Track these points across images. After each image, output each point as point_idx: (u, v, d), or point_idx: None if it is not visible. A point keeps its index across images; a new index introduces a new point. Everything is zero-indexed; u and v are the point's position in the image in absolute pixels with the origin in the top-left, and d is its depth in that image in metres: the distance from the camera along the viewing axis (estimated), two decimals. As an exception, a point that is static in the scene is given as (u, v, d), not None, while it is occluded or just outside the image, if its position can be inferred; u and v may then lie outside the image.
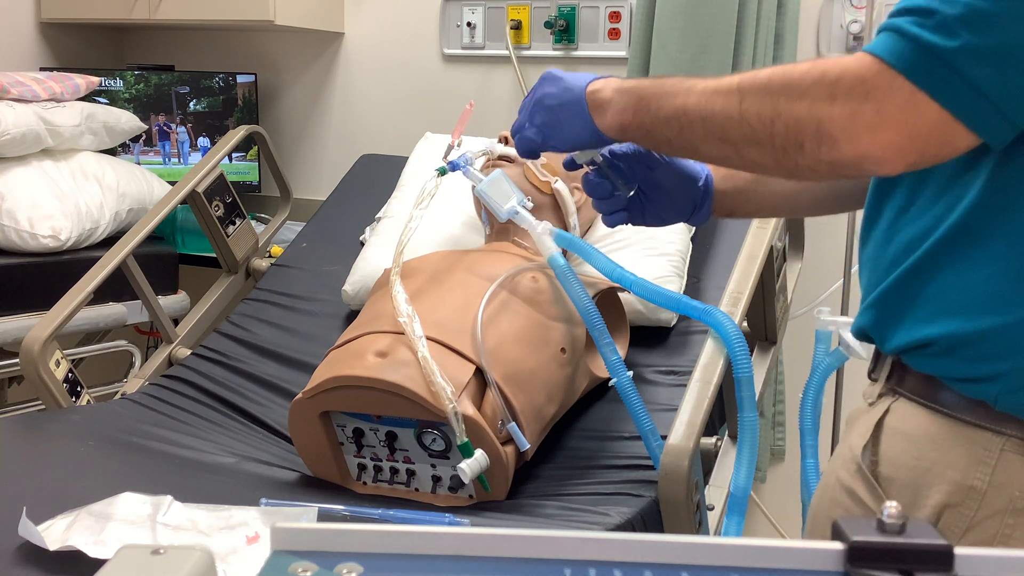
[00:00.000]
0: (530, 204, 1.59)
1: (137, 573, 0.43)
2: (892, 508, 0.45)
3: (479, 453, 1.45)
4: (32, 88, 2.40)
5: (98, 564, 0.80)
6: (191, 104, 2.89)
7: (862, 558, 0.44)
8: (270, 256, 2.42)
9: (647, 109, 0.98)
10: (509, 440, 1.50)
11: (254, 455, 1.70)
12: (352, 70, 2.94)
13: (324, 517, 1.32)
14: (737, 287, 1.58)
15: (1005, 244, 0.84)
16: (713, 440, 1.46)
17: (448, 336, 1.51)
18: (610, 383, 1.47)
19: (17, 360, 1.88)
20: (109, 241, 2.22)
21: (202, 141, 2.91)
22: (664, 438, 1.37)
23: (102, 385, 2.42)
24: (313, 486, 1.57)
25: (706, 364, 1.44)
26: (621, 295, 1.76)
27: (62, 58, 3.03)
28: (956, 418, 0.88)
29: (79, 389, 1.89)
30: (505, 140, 1.81)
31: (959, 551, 0.44)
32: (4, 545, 1.20)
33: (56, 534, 1.19)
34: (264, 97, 3.02)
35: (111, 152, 2.67)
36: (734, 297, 1.56)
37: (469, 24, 2.73)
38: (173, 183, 2.36)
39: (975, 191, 0.84)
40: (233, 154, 2.65)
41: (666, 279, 1.81)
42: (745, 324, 1.54)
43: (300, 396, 1.55)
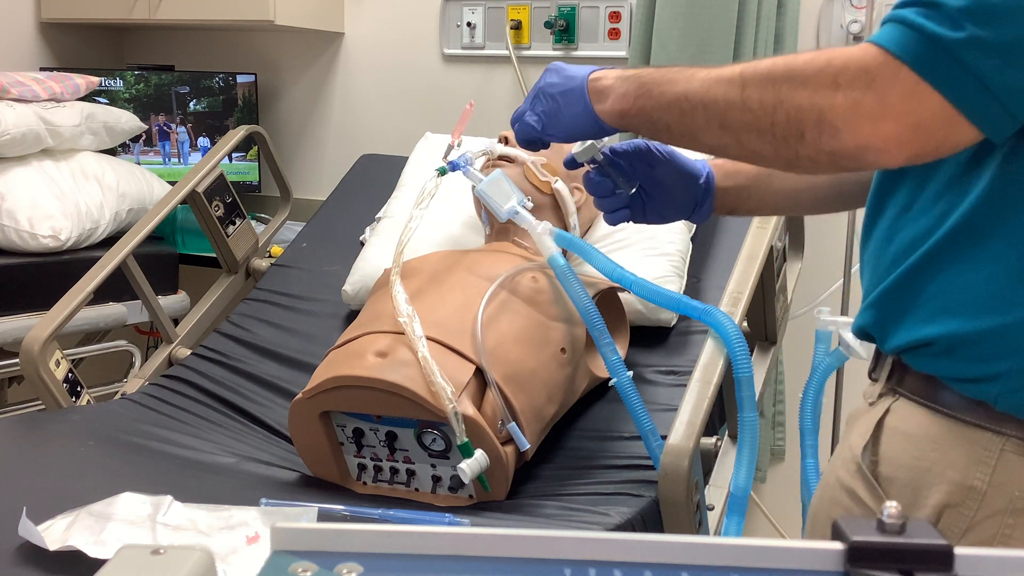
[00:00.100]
0: (530, 204, 1.60)
1: (137, 573, 0.43)
2: (892, 508, 0.45)
3: (479, 453, 1.45)
4: (32, 88, 2.40)
5: (98, 564, 0.80)
6: (191, 104, 2.89)
7: (862, 558, 0.44)
8: (270, 256, 2.42)
9: (648, 95, 0.97)
10: (509, 440, 1.50)
11: (254, 455, 1.70)
12: (352, 70, 2.94)
13: (324, 517, 1.32)
14: (737, 287, 1.58)
15: (1006, 244, 0.84)
16: (713, 440, 1.46)
17: (448, 336, 1.51)
18: (610, 383, 1.47)
19: (17, 360, 1.88)
20: (109, 241, 2.22)
21: (202, 141, 2.91)
22: (664, 438, 1.37)
23: (102, 385, 2.42)
24: (313, 486, 1.57)
25: (706, 364, 1.44)
26: (621, 295, 1.76)
27: (62, 58, 3.03)
28: (956, 418, 0.88)
29: (79, 389, 1.89)
30: (505, 140, 1.81)
31: (959, 551, 0.44)
32: (4, 545, 1.20)
33: (56, 534, 1.19)
34: (264, 97, 3.02)
35: (111, 152, 2.67)
36: (734, 297, 1.56)
37: (469, 24, 2.73)
38: (173, 183, 2.36)
39: (977, 191, 0.84)
40: (233, 154, 2.65)
41: (666, 279, 1.81)
42: (745, 324, 1.54)
43: (300, 396, 1.55)
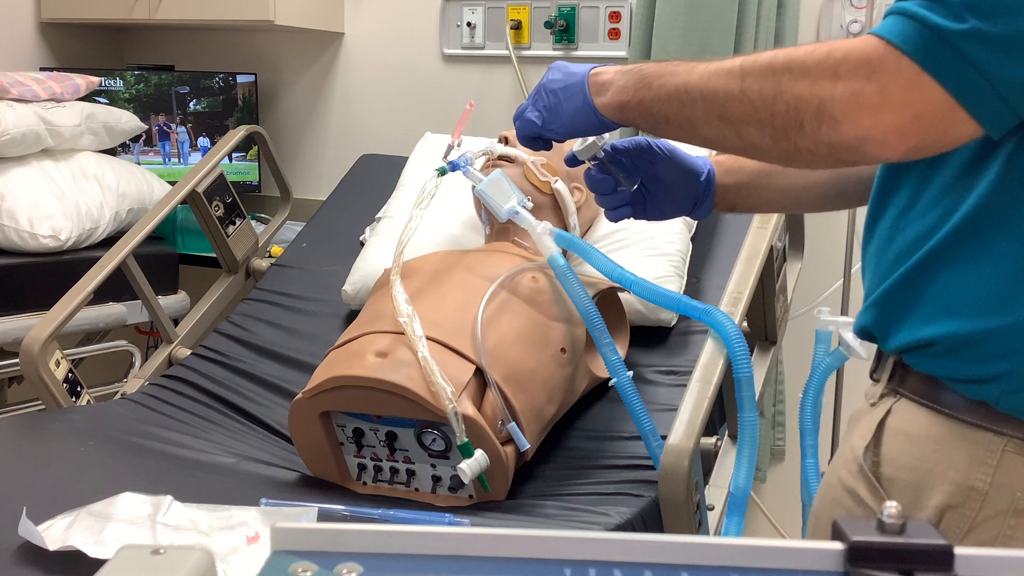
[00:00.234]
0: (530, 204, 1.60)
1: (137, 573, 0.43)
2: (892, 508, 0.45)
3: (479, 453, 1.45)
4: (32, 88, 2.40)
5: (98, 564, 0.80)
6: (191, 104, 2.89)
7: (862, 558, 0.44)
8: (270, 256, 2.42)
9: (648, 87, 0.97)
10: (509, 440, 1.50)
11: (254, 455, 1.70)
12: (352, 70, 2.94)
13: (324, 517, 1.32)
14: (737, 287, 1.58)
15: (1009, 244, 0.83)
16: (713, 440, 1.46)
17: (448, 336, 1.51)
18: (610, 383, 1.47)
19: (17, 360, 1.88)
20: (109, 241, 2.22)
21: (202, 141, 2.91)
22: (664, 438, 1.37)
23: (102, 385, 2.42)
24: (313, 486, 1.57)
25: (706, 364, 1.44)
26: (621, 295, 1.76)
27: (62, 58, 3.03)
28: (957, 419, 0.87)
29: (79, 389, 1.89)
30: (505, 140, 1.81)
31: (959, 551, 0.44)
32: (4, 545, 1.20)
33: (56, 534, 1.19)
34: (264, 97, 3.02)
35: (111, 152, 2.67)
36: (734, 297, 1.56)
37: (469, 24, 2.73)
38: (173, 183, 2.36)
39: (980, 190, 0.84)
40: (233, 154, 2.65)
41: (666, 279, 1.81)
42: (745, 324, 1.54)
43: (300, 396, 1.55)
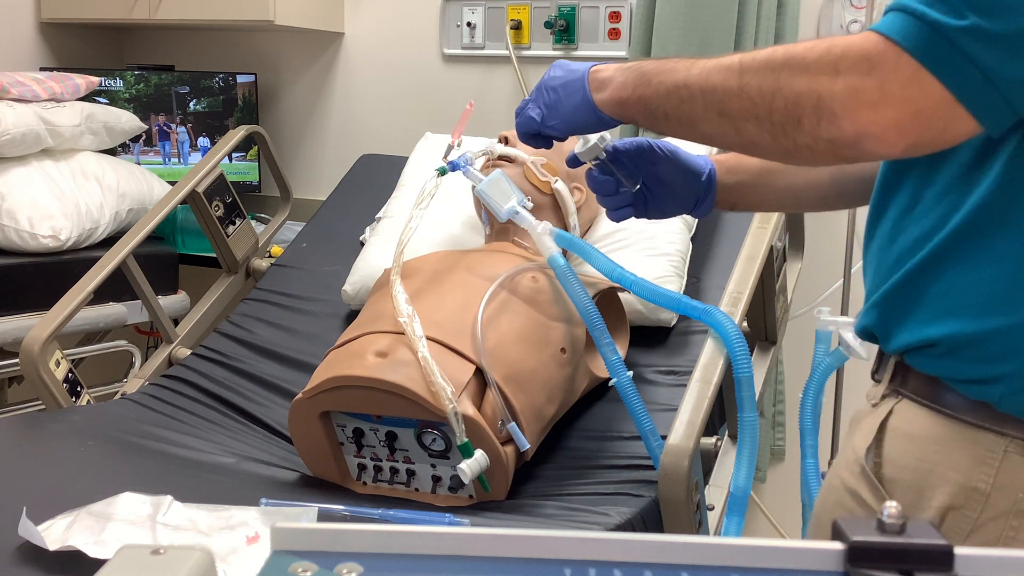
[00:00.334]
0: (530, 204, 1.60)
1: (137, 573, 0.43)
2: (892, 508, 0.45)
3: (479, 453, 1.45)
4: (32, 88, 2.40)
5: (98, 564, 0.80)
6: (191, 104, 2.89)
7: (862, 558, 0.44)
8: (270, 256, 2.42)
9: (648, 84, 0.97)
10: (509, 440, 1.50)
11: (254, 455, 1.70)
12: (352, 70, 2.94)
13: (324, 517, 1.32)
14: (737, 287, 1.58)
15: (1010, 244, 0.83)
16: (713, 440, 1.46)
17: (448, 336, 1.51)
18: (610, 383, 1.47)
19: (17, 360, 1.88)
20: (109, 241, 2.22)
21: (202, 141, 2.91)
22: (664, 438, 1.37)
23: (102, 385, 2.42)
24: (313, 486, 1.57)
25: (706, 364, 1.44)
26: (621, 295, 1.76)
27: (62, 58, 3.03)
28: (959, 419, 0.87)
29: (79, 389, 1.89)
30: (505, 140, 1.81)
31: (959, 551, 0.44)
32: (4, 545, 1.20)
33: (56, 534, 1.19)
34: (264, 97, 3.02)
35: (111, 152, 2.67)
36: (734, 297, 1.56)
37: (469, 24, 2.73)
38: (173, 183, 2.36)
39: (981, 190, 0.84)
40: (233, 154, 2.65)
41: (666, 279, 1.81)
42: (745, 324, 1.54)
43: (300, 396, 1.55)
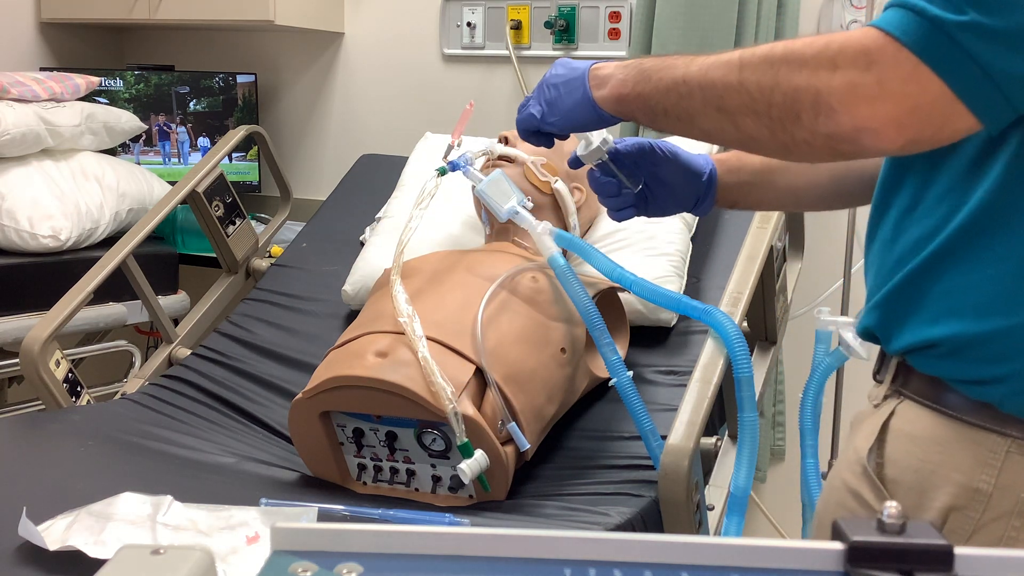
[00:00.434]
0: (530, 204, 1.60)
1: (137, 573, 0.43)
2: (892, 508, 0.45)
3: (479, 453, 1.45)
4: (32, 88, 2.40)
5: (98, 564, 0.80)
6: (191, 104, 2.89)
7: (862, 558, 0.44)
8: (270, 256, 2.42)
9: (647, 80, 0.97)
10: (509, 440, 1.50)
11: (254, 455, 1.70)
12: (352, 70, 2.94)
13: (324, 517, 1.32)
14: (737, 287, 1.58)
15: (1012, 244, 0.83)
16: (713, 440, 1.46)
17: (448, 336, 1.51)
18: (610, 383, 1.47)
19: (17, 360, 1.88)
20: (109, 241, 2.22)
21: (202, 141, 2.91)
22: (664, 438, 1.37)
23: (102, 385, 2.42)
24: (313, 486, 1.57)
25: (706, 364, 1.44)
26: (621, 295, 1.76)
27: (62, 58, 3.03)
28: (961, 420, 0.87)
29: (79, 389, 1.89)
30: (505, 140, 1.81)
31: (959, 551, 0.44)
32: (4, 545, 1.20)
33: (56, 534, 1.19)
34: (264, 97, 3.02)
35: (111, 152, 2.67)
36: (734, 297, 1.56)
37: (469, 24, 2.73)
38: (173, 183, 2.36)
39: (983, 190, 0.83)
40: (233, 154, 2.65)
41: (666, 279, 1.81)
42: (745, 324, 1.54)
43: (300, 396, 1.55)
